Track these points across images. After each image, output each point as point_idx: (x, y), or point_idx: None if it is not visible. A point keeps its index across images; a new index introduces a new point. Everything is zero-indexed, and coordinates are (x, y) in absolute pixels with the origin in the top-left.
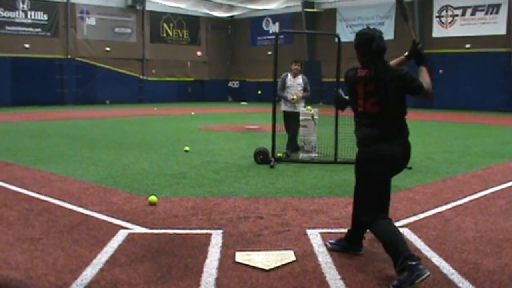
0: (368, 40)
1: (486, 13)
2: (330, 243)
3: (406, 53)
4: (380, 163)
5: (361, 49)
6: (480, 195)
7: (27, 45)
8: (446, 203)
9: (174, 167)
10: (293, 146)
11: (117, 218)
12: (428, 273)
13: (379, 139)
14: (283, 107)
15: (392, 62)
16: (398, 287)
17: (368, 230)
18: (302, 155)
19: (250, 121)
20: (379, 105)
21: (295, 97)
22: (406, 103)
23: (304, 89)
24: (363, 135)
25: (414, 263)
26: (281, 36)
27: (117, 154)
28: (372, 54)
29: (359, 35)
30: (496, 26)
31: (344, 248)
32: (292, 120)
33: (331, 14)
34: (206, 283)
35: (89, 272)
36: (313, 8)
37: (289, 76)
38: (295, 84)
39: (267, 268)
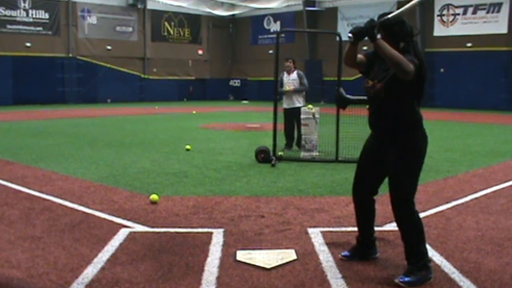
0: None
1: (488, 12)
2: (344, 256)
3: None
4: (427, 144)
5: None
6: (481, 194)
7: (28, 44)
8: (447, 202)
9: (175, 166)
10: (290, 142)
11: (118, 216)
12: (432, 279)
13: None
14: (284, 104)
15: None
16: (412, 283)
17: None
18: (303, 154)
19: (251, 120)
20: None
21: (286, 88)
22: None
23: (300, 84)
24: (419, 117)
25: (431, 265)
26: (282, 35)
27: (118, 153)
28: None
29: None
30: (497, 25)
31: (362, 254)
32: (290, 117)
33: (333, 12)
34: (207, 282)
35: (90, 271)
36: (314, 6)
37: (285, 74)
38: (290, 80)
39: (268, 266)
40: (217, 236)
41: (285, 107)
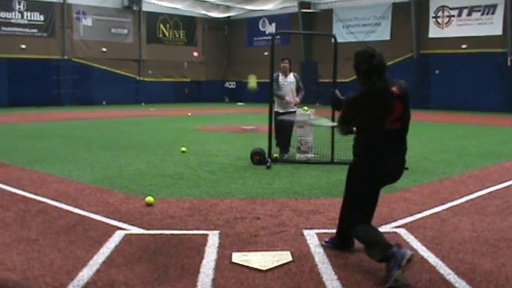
0: (367, 58)
1: (482, 14)
2: (325, 242)
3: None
4: (371, 177)
5: (361, 67)
6: (476, 195)
7: (23, 46)
8: (443, 204)
9: (170, 168)
10: (287, 147)
11: (114, 219)
12: (410, 253)
13: (386, 153)
14: (277, 107)
15: None
16: (389, 278)
17: None
18: (298, 156)
19: (246, 122)
20: (401, 121)
21: (297, 100)
22: None
23: (297, 88)
24: (378, 153)
25: (394, 249)
26: (278, 37)
27: (113, 155)
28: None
29: (358, 54)
30: (492, 27)
31: (338, 246)
32: (286, 121)
33: (328, 14)
34: (202, 284)
35: (86, 273)
36: (309, 8)
37: (280, 75)
38: (288, 82)
39: (263, 268)
40: (213, 238)
41: (278, 111)
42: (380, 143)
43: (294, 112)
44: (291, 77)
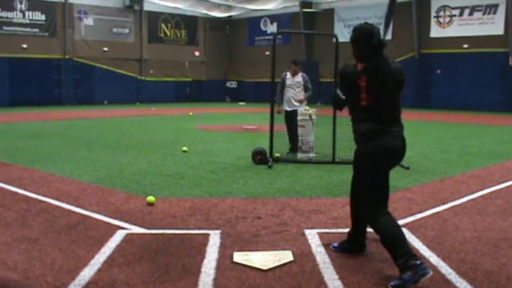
0: (368, 35)
1: (484, 13)
2: (333, 247)
3: None
4: (379, 156)
5: (360, 42)
6: (477, 195)
7: (24, 45)
8: (444, 203)
9: (172, 168)
10: (291, 146)
11: (115, 218)
12: (431, 273)
13: (379, 133)
14: (285, 106)
15: None
16: (401, 286)
17: (369, 229)
18: (300, 155)
19: (248, 121)
20: (378, 99)
21: (301, 98)
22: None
23: (305, 88)
24: (364, 130)
25: (418, 262)
26: (279, 37)
27: (115, 155)
28: (373, 48)
29: (358, 29)
30: (493, 26)
31: (347, 250)
32: (291, 120)
33: (329, 14)
34: (204, 283)
35: (87, 273)
36: (311, 8)
37: (288, 75)
38: (295, 82)
39: (265, 268)
40: (214, 238)
41: (286, 109)
42: (361, 119)
43: (296, 111)
44: (298, 77)
